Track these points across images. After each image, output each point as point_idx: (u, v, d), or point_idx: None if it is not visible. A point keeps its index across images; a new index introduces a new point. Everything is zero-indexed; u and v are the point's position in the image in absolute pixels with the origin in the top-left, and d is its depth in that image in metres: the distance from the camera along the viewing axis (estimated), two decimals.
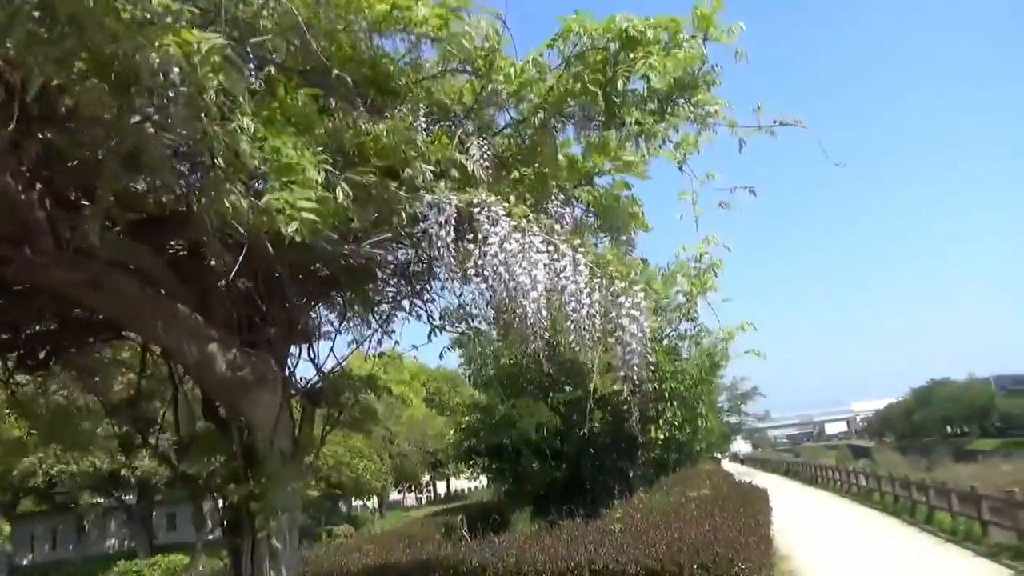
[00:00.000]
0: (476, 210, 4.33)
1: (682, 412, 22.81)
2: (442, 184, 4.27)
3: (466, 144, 4.85)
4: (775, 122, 4.26)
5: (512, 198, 4.31)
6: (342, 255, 5.70)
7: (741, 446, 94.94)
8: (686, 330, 20.74)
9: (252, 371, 5.29)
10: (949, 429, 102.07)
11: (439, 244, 4.25)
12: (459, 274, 4.40)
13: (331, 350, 6.76)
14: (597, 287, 4.21)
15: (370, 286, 6.98)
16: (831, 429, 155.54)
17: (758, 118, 4.31)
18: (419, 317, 7.21)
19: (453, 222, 4.27)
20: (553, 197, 5.44)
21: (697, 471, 26.14)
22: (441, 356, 7.86)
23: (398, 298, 6.88)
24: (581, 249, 4.21)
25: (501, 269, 4.16)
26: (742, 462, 74.70)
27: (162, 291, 5.17)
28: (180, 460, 7.59)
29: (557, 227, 4.33)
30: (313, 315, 6.96)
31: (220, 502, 5.85)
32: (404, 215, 4.49)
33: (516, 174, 5.61)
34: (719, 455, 60.26)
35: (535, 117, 4.71)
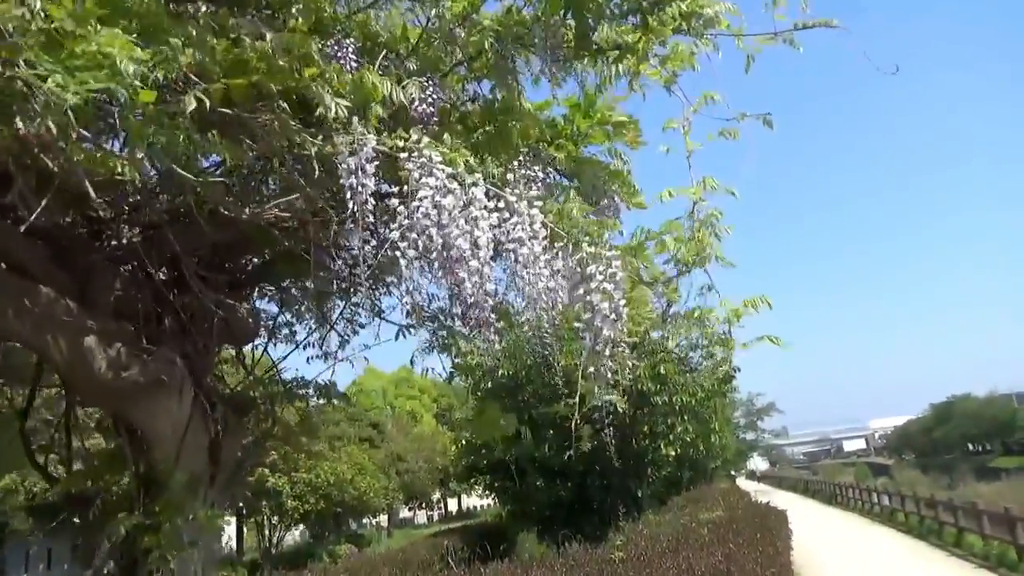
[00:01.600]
0: (404, 155, 3.30)
1: (694, 427, 21.55)
2: (355, 120, 3.23)
3: (403, 83, 3.84)
4: (796, 27, 3.17)
5: (447, 136, 3.27)
6: (265, 232, 4.70)
7: (758, 463, 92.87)
8: (696, 338, 19.58)
9: (144, 373, 4.24)
10: (970, 446, 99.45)
11: (355, 199, 3.22)
12: (379, 240, 3.37)
13: (264, 350, 5.73)
14: (560, 254, 3.17)
15: (320, 275, 5.96)
16: (849, 446, 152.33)
17: (773, 22, 3.19)
18: (378, 312, 6.18)
19: (372, 170, 3.25)
20: (522, 157, 4.41)
21: (711, 490, 24.81)
22: (412, 362, 6.78)
23: (348, 289, 5.82)
24: (538, 203, 3.16)
25: (433, 231, 3.12)
26: (759, 480, 72.80)
27: (21, 271, 4.14)
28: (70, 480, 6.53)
29: (510, 177, 3.30)
30: (246, 308, 5.91)
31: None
32: (314, 166, 3.47)
33: (479, 133, 4.57)
34: (734, 472, 58.57)
35: (487, 42, 3.66)
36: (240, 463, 5.45)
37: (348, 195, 3.19)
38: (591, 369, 2.95)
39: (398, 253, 3.14)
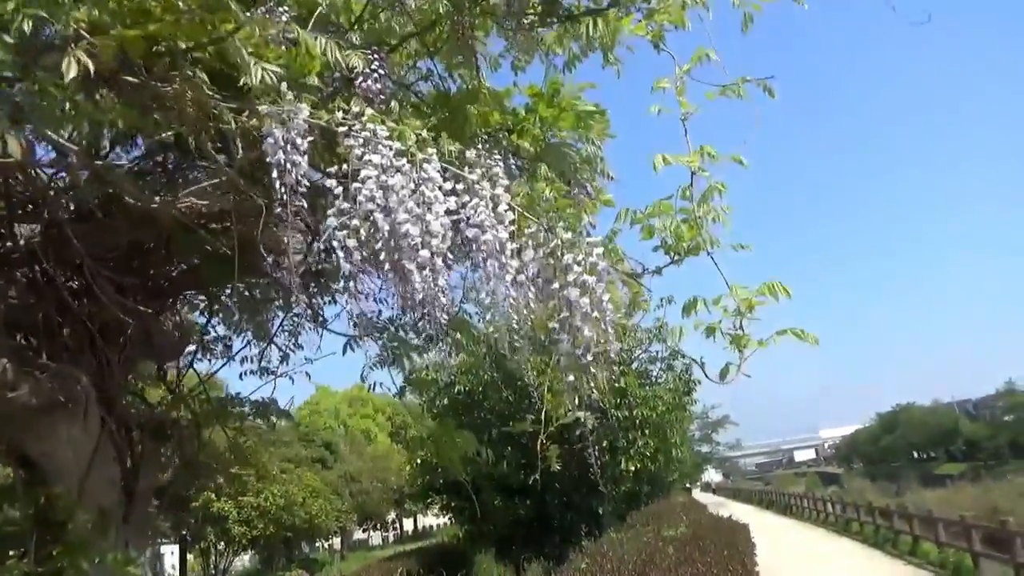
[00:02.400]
0: (343, 129, 2.79)
1: (654, 441, 21.25)
2: (283, 86, 2.71)
3: (344, 50, 3.34)
4: None
5: (394, 105, 2.77)
6: (183, 230, 4.11)
7: (712, 475, 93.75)
8: (657, 352, 19.35)
9: (36, 393, 3.60)
10: (916, 454, 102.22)
11: (284, 180, 2.68)
12: (315, 237, 2.83)
13: (190, 365, 5.09)
14: (530, 242, 2.69)
15: (255, 281, 5.37)
16: (800, 456, 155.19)
17: None
18: (321, 323, 5.59)
19: (305, 146, 2.73)
20: (480, 145, 3.93)
21: (671, 504, 24.57)
22: (363, 378, 6.19)
23: (289, 296, 5.23)
24: (503, 182, 2.69)
25: (378, 216, 2.61)
26: (714, 492, 73.29)
27: None
28: None
29: (470, 155, 2.81)
30: (172, 319, 5.25)
31: None
32: (237, 145, 2.94)
33: (432, 117, 4.07)
34: (689, 485, 58.80)
35: (441, 6, 3.17)
36: (161, 494, 4.79)
37: (275, 174, 2.65)
38: (570, 378, 2.46)
39: (336, 244, 2.61)
